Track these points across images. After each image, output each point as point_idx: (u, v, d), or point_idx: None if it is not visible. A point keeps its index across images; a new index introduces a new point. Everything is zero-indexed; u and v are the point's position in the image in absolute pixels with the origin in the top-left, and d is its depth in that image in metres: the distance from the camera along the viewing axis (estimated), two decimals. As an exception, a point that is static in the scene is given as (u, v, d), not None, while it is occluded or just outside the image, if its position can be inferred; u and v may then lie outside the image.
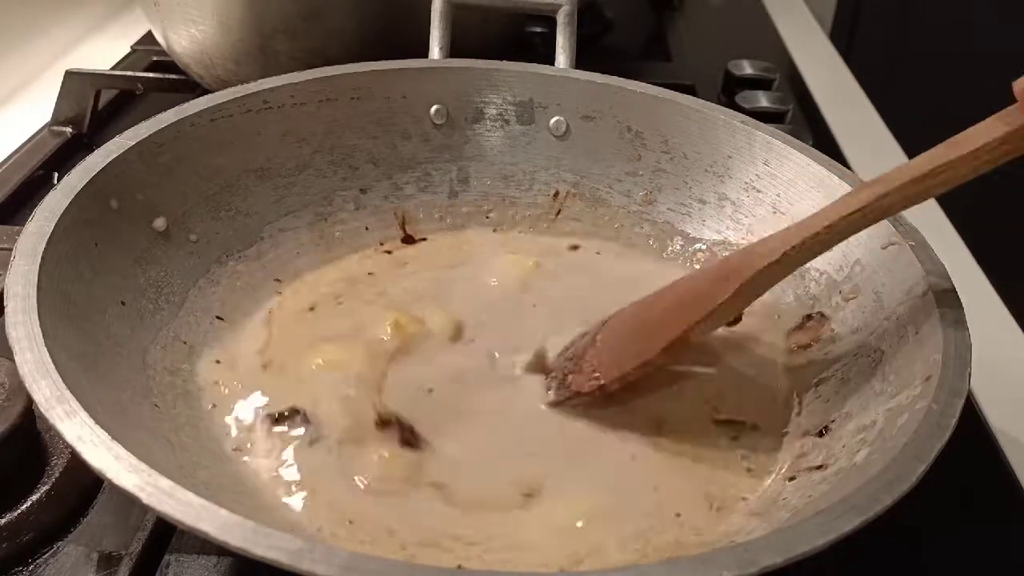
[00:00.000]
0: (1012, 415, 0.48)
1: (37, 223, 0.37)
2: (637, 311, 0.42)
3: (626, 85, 0.52)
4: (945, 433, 0.30)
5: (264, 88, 0.48)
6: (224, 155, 0.47)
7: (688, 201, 0.51)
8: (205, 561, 0.36)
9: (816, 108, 0.80)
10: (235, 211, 0.47)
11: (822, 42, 1.00)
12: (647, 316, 0.41)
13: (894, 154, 0.77)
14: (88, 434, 0.28)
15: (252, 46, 0.63)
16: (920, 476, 0.29)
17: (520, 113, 0.53)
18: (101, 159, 0.41)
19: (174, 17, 0.65)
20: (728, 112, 0.50)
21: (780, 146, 0.48)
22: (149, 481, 0.27)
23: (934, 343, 0.35)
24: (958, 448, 0.30)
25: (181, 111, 0.45)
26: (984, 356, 0.36)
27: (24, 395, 0.37)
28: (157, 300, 0.41)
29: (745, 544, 0.26)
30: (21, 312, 0.32)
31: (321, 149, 0.50)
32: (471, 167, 0.53)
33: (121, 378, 0.36)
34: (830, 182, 0.45)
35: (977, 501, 0.43)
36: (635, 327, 0.41)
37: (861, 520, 0.27)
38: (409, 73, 0.52)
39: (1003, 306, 0.58)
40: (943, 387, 0.32)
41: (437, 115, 0.53)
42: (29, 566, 0.36)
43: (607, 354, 0.40)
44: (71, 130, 0.69)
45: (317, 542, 0.25)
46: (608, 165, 0.53)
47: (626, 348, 0.40)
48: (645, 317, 0.41)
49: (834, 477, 0.34)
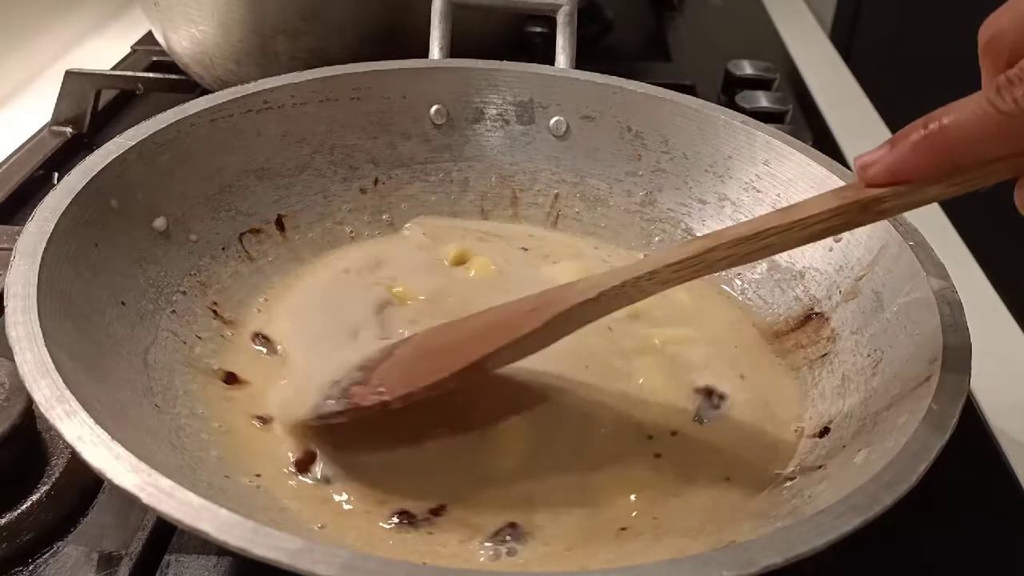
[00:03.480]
0: (1012, 415, 0.48)
1: (37, 223, 0.37)
2: (443, 330, 0.40)
3: (626, 85, 0.52)
4: (945, 433, 0.30)
5: (264, 88, 0.48)
6: (224, 155, 0.47)
7: (688, 201, 0.51)
8: (205, 561, 0.36)
9: (816, 108, 0.80)
10: (235, 211, 0.47)
11: (822, 42, 1.00)
12: (451, 337, 0.39)
13: (894, 154, 0.76)
14: (88, 434, 0.28)
15: (252, 46, 0.63)
16: (920, 476, 0.29)
17: (520, 113, 0.53)
18: (101, 159, 0.41)
19: (174, 17, 0.65)
20: (728, 112, 0.50)
21: (780, 146, 0.48)
22: (149, 481, 0.27)
23: (934, 343, 0.35)
24: (958, 448, 0.30)
25: (181, 111, 0.45)
26: (984, 356, 0.35)
27: (24, 395, 0.37)
28: (157, 300, 0.41)
29: (745, 544, 0.26)
30: (21, 312, 0.32)
31: (321, 149, 0.50)
32: (471, 167, 0.53)
33: (121, 378, 0.36)
34: (830, 182, 0.45)
35: (977, 501, 0.43)
36: (436, 346, 0.39)
37: (861, 520, 0.27)
38: (409, 73, 0.52)
39: (1003, 306, 0.58)
40: (943, 387, 0.32)
41: (437, 115, 0.53)
42: (29, 566, 0.36)
43: (399, 369, 0.38)
44: (71, 130, 0.69)
45: (317, 542, 0.25)
46: (608, 165, 0.53)
47: (419, 366, 0.38)
48: (449, 337, 0.39)
49: (834, 477, 0.34)
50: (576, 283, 0.37)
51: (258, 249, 0.47)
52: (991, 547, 0.41)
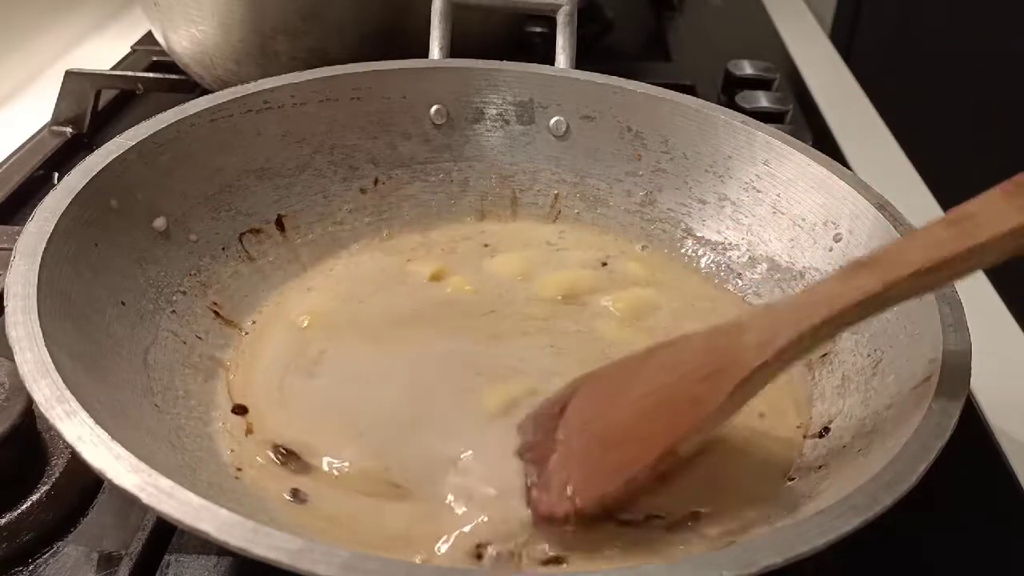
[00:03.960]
0: (1012, 415, 0.48)
1: (37, 223, 0.37)
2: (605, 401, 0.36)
3: (626, 85, 0.52)
4: (945, 433, 0.30)
5: (264, 88, 0.48)
6: (224, 155, 0.47)
7: (688, 201, 0.51)
8: (205, 561, 0.36)
9: (816, 108, 0.80)
10: (235, 211, 0.47)
11: (822, 42, 1.00)
12: (619, 415, 0.35)
13: (894, 154, 0.77)
14: (88, 434, 0.28)
15: (252, 46, 0.63)
16: (920, 476, 0.29)
17: (520, 113, 0.53)
18: (101, 159, 0.41)
19: (174, 17, 0.65)
20: (728, 112, 0.50)
21: (780, 146, 0.48)
22: (149, 481, 0.27)
23: (934, 343, 0.35)
24: (958, 448, 0.30)
25: (181, 111, 0.45)
26: (984, 356, 0.35)
27: (24, 395, 0.37)
28: (157, 300, 0.41)
29: (745, 544, 0.26)
30: (21, 312, 0.32)
31: (321, 149, 0.50)
32: (471, 167, 0.53)
33: (121, 378, 0.36)
34: (830, 182, 0.45)
35: (977, 501, 0.43)
36: (608, 426, 0.35)
37: (861, 520, 0.27)
38: (409, 73, 0.52)
39: (1003, 306, 0.58)
40: (943, 387, 0.32)
41: (437, 115, 0.53)
42: (29, 566, 0.36)
43: (577, 462, 0.34)
44: (71, 130, 0.69)
45: (317, 542, 0.25)
46: (608, 165, 0.53)
47: (602, 456, 0.34)
48: (617, 416, 0.35)
49: (834, 477, 0.34)
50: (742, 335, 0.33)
51: (258, 249, 0.47)
52: (991, 547, 0.41)
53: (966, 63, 1.30)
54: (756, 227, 0.48)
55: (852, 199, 0.44)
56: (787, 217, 0.47)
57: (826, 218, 0.45)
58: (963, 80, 1.30)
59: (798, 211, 0.46)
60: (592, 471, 0.34)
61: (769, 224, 0.48)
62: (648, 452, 0.33)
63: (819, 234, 0.45)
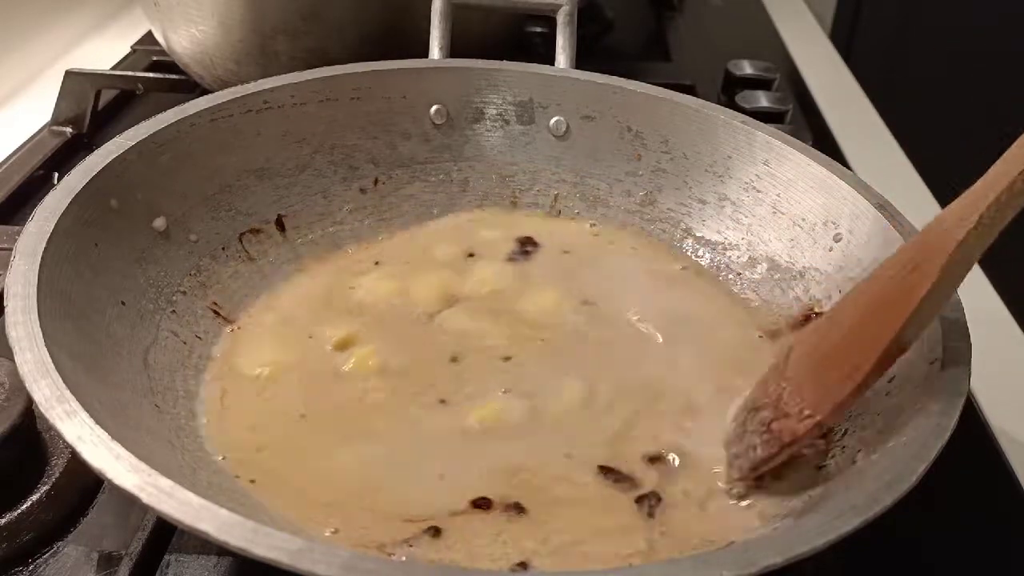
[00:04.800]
0: (1012, 415, 0.48)
1: (37, 223, 0.37)
2: (821, 335, 0.37)
3: (626, 85, 0.52)
4: (945, 433, 0.30)
5: (264, 88, 0.48)
6: (224, 155, 0.47)
7: (688, 201, 0.51)
8: (205, 561, 0.36)
9: (816, 108, 0.80)
10: (235, 211, 0.47)
11: (822, 42, 1.00)
12: (837, 337, 0.36)
13: (894, 154, 0.77)
14: (88, 434, 0.28)
15: (252, 46, 0.63)
16: (920, 476, 0.29)
17: (520, 113, 0.53)
18: (101, 159, 0.41)
19: (174, 17, 0.65)
20: (728, 112, 0.50)
21: (780, 146, 0.48)
22: (149, 481, 0.27)
23: (934, 343, 0.35)
24: (958, 448, 0.30)
25: (181, 111, 0.45)
26: (984, 356, 0.35)
27: (24, 395, 0.37)
28: (157, 300, 0.41)
29: (745, 544, 0.26)
30: (21, 312, 0.32)
31: (321, 149, 0.50)
32: (471, 167, 0.53)
33: (121, 378, 0.36)
34: (830, 182, 0.45)
35: (977, 501, 0.43)
36: (827, 351, 0.36)
37: (861, 520, 0.27)
38: (409, 73, 0.52)
39: (1003, 306, 0.58)
40: (943, 387, 0.32)
41: (437, 115, 0.53)
42: (29, 566, 0.36)
43: (808, 388, 0.35)
44: (71, 130, 0.69)
45: (317, 542, 0.25)
46: (608, 165, 0.53)
47: (827, 375, 0.35)
48: (835, 339, 0.36)
49: (834, 477, 0.34)
50: (931, 226, 0.33)
51: (258, 249, 0.47)
52: (991, 547, 0.41)
53: (966, 63, 1.30)
54: (756, 227, 0.48)
55: (852, 199, 0.44)
56: (787, 217, 0.47)
57: (826, 218, 0.45)
58: (963, 80, 1.30)
59: (798, 211, 0.46)
60: (825, 389, 0.35)
61: (769, 224, 0.48)
62: (873, 351, 0.34)
63: (819, 234, 0.45)
